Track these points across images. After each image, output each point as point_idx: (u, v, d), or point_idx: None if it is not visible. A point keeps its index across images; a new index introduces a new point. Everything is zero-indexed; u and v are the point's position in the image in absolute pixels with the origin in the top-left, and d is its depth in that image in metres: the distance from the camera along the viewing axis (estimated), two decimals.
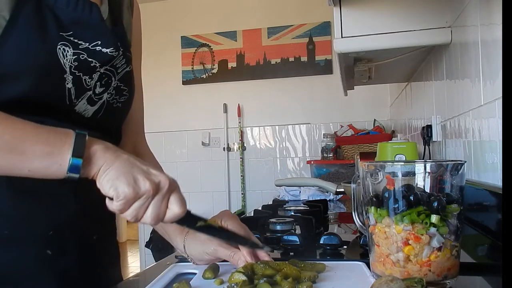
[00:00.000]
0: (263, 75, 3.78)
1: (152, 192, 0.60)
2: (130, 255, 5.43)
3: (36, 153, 0.59)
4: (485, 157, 1.00)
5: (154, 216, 0.61)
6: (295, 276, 0.65)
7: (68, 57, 0.71)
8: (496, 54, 0.91)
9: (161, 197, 0.61)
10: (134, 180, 0.60)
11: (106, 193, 0.60)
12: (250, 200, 3.78)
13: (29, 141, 0.60)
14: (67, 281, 0.75)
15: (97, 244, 0.83)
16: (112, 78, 0.80)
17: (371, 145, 3.03)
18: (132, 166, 0.61)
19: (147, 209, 0.61)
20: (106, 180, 0.60)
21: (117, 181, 0.59)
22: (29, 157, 0.59)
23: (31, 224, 0.72)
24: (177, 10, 3.97)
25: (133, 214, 0.61)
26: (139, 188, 0.60)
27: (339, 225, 1.36)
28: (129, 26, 0.90)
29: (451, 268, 0.62)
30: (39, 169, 0.60)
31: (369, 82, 2.13)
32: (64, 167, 0.59)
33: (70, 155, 0.59)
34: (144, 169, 0.62)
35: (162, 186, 0.61)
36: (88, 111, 0.77)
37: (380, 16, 1.38)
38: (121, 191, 0.59)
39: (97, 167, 0.60)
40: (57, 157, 0.59)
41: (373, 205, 0.66)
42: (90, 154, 0.60)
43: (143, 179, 0.60)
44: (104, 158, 0.61)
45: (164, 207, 0.62)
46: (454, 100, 1.31)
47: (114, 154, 0.62)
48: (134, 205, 0.60)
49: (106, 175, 0.60)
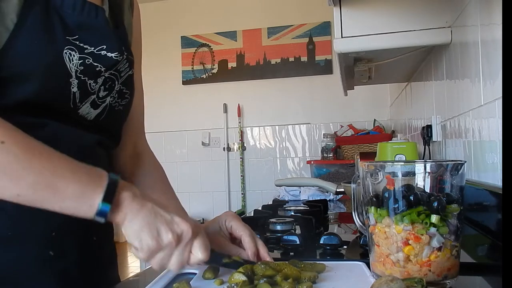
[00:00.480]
0: (263, 75, 3.78)
1: (174, 244, 0.63)
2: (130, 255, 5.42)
3: (69, 193, 0.60)
4: (485, 157, 1.00)
5: (179, 264, 0.64)
6: (295, 277, 0.65)
7: (74, 61, 0.71)
8: (496, 54, 0.91)
9: (183, 246, 0.64)
10: (157, 232, 0.62)
11: (131, 243, 0.62)
12: (250, 200, 3.78)
13: (64, 180, 0.60)
14: (67, 281, 0.75)
15: (96, 245, 0.83)
16: (116, 82, 0.80)
17: (371, 145, 3.03)
18: (155, 217, 0.63)
19: (171, 258, 0.64)
20: (131, 230, 0.62)
21: (141, 233, 0.61)
22: (63, 195, 0.60)
23: (33, 224, 0.72)
24: (177, 10, 3.97)
25: (158, 264, 0.63)
26: (162, 240, 0.62)
27: (339, 225, 1.36)
28: (130, 27, 0.90)
29: (451, 268, 0.62)
30: (69, 207, 0.61)
31: (369, 82, 2.13)
32: (93, 209, 0.61)
33: (100, 200, 0.60)
34: (168, 219, 0.64)
35: (185, 236, 0.64)
36: (90, 114, 0.77)
37: (380, 16, 1.38)
38: (145, 244, 0.61)
39: (123, 215, 0.62)
40: (89, 199, 0.61)
41: (373, 205, 0.66)
42: (119, 201, 0.62)
43: (166, 230, 0.62)
44: (131, 207, 0.63)
45: (187, 254, 0.65)
46: (454, 100, 1.31)
47: (140, 203, 0.63)
48: (158, 255, 0.63)
49: (131, 225, 0.62)
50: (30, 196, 0.60)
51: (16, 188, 0.59)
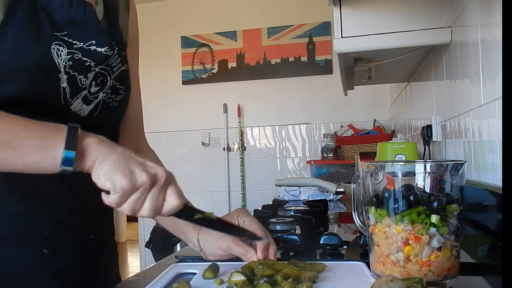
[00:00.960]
0: (263, 75, 3.78)
1: (149, 184, 0.60)
2: (130, 255, 5.43)
3: (28, 147, 0.59)
4: (485, 157, 1.00)
5: (152, 208, 0.61)
6: (295, 276, 0.65)
7: (62, 56, 0.71)
8: (496, 54, 0.91)
9: (158, 189, 0.61)
10: (130, 172, 0.59)
11: (102, 186, 0.59)
12: (250, 200, 3.78)
13: (21, 136, 0.59)
14: (64, 280, 0.75)
15: (94, 244, 0.82)
16: (108, 78, 0.80)
17: (371, 145, 3.03)
18: (127, 159, 0.60)
19: (145, 202, 0.61)
20: (102, 172, 0.59)
21: (114, 173, 0.58)
22: (22, 151, 0.59)
23: (29, 224, 0.72)
24: (177, 10, 3.97)
25: (130, 207, 0.60)
26: (136, 180, 0.59)
27: (339, 225, 1.36)
28: (126, 26, 0.90)
29: (451, 268, 0.62)
30: (32, 163, 0.60)
31: (369, 82, 2.13)
32: (58, 160, 0.59)
33: (63, 148, 0.58)
34: (141, 162, 0.61)
35: (159, 178, 0.61)
36: (83, 110, 0.77)
37: (380, 16, 1.38)
38: (118, 184, 0.58)
39: (92, 160, 0.60)
40: (50, 150, 0.59)
41: (373, 205, 0.66)
42: (84, 147, 0.60)
43: (140, 171, 0.60)
44: (99, 150, 0.60)
45: (162, 199, 0.62)
46: (454, 100, 1.31)
47: (108, 146, 0.61)
48: (131, 197, 0.60)
49: (102, 168, 0.59)
50: None
51: None
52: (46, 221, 0.73)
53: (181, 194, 0.64)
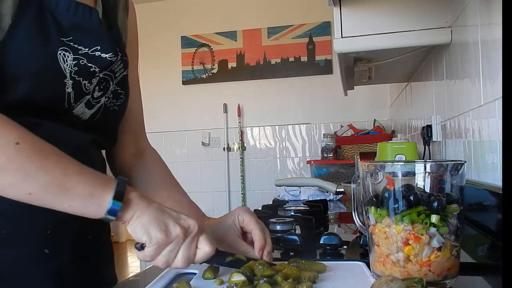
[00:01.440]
0: (263, 75, 3.78)
1: (182, 237, 0.63)
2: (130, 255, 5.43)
3: (79, 192, 0.62)
4: (485, 157, 1.00)
5: (185, 259, 0.64)
6: (295, 276, 0.65)
7: (68, 62, 0.72)
8: (496, 54, 0.91)
9: (190, 240, 0.65)
10: (165, 225, 0.63)
11: (139, 238, 0.63)
12: (250, 200, 3.78)
13: (75, 180, 0.62)
14: (63, 280, 0.75)
15: (92, 244, 0.83)
16: (110, 83, 0.80)
17: (371, 145, 3.03)
18: (163, 213, 0.64)
19: (178, 253, 0.64)
20: (139, 226, 0.62)
21: (150, 226, 0.62)
22: (72, 194, 0.61)
23: (29, 223, 0.72)
24: (177, 10, 3.97)
25: (164, 259, 0.63)
26: (170, 233, 0.63)
27: (339, 225, 1.36)
28: (124, 27, 0.90)
29: (451, 268, 0.62)
30: (79, 206, 0.62)
31: (369, 82, 2.13)
32: (103, 208, 0.62)
33: (111, 199, 0.62)
34: (174, 215, 0.65)
35: (192, 229, 0.65)
36: (85, 114, 0.77)
37: (380, 16, 1.38)
38: (154, 237, 0.62)
39: (132, 213, 0.63)
40: (98, 198, 0.62)
41: (373, 205, 0.66)
42: (128, 200, 0.63)
43: (174, 224, 0.63)
44: (139, 205, 0.64)
45: (194, 249, 0.65)
46: (454, 100, 1.31)
47: (147, 201, 0.65)
48: (165, 250, 0.63)
49: (139, 221, 0.63)
50: (41, 195, 0.61)
51: (28, 187, 0.60)
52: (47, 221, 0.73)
53: (212, 241, 0.67)
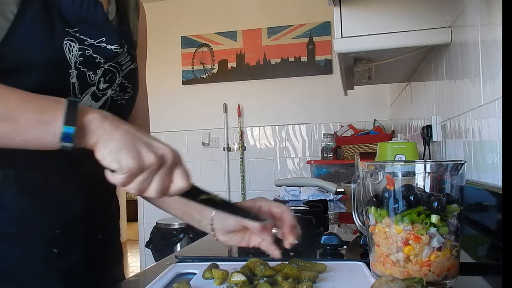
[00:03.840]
0: (263, 75, 3.78)
1: (156, 165, 0.58)
2: (130, 255, 5.43)
3: (27, 121, 0.57)
4: (485, 157, 1.00)
5: (159, 189, 0.59)
6: (295, 276, 0.65)
7: (74, 52, 0.72)
8: (496, 54, 0.91)
9: (165, 170, 0.59)
10: (137, 152, 0.57)
11: (108, 165, 0.57)
12: None
13: (20, 110, 0.57)
14: (71, 279, 0.75)
15: (101, 244, 0.83)
16: (117, 75, 0.80)
17: (371, 145, 3.03)
18: (133, 138, 0.58)
19: (152, 182, 0.59)
20: (107, 152, 0.57)
21: (120, 153, 0.56)
22: (21, 125, 0.57)
23: (38, 222, 0.72)
24: (177, 10, 3.97)
25: (137, 188, 0.58)
26: (143, 161, 0.57)
27: (339, 225, 1.36)
28: (136, 27, 0.91)
29: (451, 268, 0.62)
30: (32, 138, 0.58)
31: (369, 82, 2.13)
32: (57, 136, 0.57)
33: (62, 124, 0.56)
34: (147, 141, 0.59)
35: (166, 158, 0.59)
36: (92, 107, 0.77)
37: (380, 16, 1.38)
38: (125, 164, 0.56)
39: (95, 137, 0.58)
40: (49, 125, 0.57)
41: (373, 205, 0.66)
42: (86, 123, 0.57)
43: (147, 151, 0.58)
44: (102, 128, 0.58)
45: (169, 180, 0.60)
46: (454, 100, 1.31)
47: (113, 124, 0.59)
48: (138, 178, 0.58)
49: (107, 147, 0.57)
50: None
51: None
52: (56, 220, 0.74)
53: (188, 175, 0.62)
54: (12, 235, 0.71)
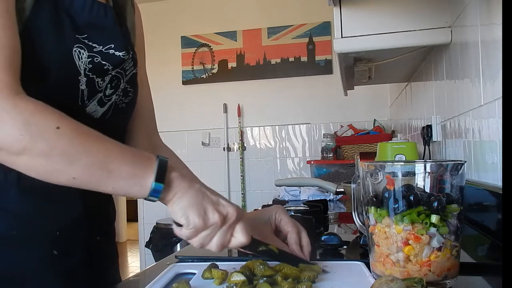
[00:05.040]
0: (263, 75, 3.78)
1: (220, 224, 0.64)
2: (130, 255, 5.43)
3: (122, 173, 0.62)
4: (485, 157, 1.00)
5: (220, 245, 0.65)
6: (295, 276, 0.65)
7: (83, 59, 0.72)
8: (496, 54, 0.91)
9: (227, 228, 0.65)
10: (204, 210, 0.63)
11: (177, 220, 0.63)
12: (250, 200, 3.78)
13: (117, 161, 0.63)
14: (72, 281, 0.75)
15: (100, 245, 0.83)
16: (121, 80, 0.81)
17: (371, 145, 3.03)
18: (203, 197, 0.65)
19: (213, 238, 0.65)
20: (179, 208, 0.63)
21: (189, 210, 0.63)
22: (115, 175, 0.62)
23: (39, 224, 0.72)
24: (177, 10, 3.97)
25: (199, 242, 0.65)
26: (208, 219, 0.63)
27: (339, 225, 1.36)
28: (133, 27, 0.91)
29: (451, 268, 0.62)
30: (122, 188, 0.63)
31: (369, 82, 2.13)
32: (146, 189, 0.62)
33: (153, 180, 0.62)
34: (214, 200, 0.65)
35: (230, 217, 0.65)
36: (97, 112, 0.78)
37: (380, 16, 1.38)
38: (192, 221, 0.62)
39: (173, 194, 0.64)
40: (140, 179, 0.63)
41: (373, 205, 0.66)
42: (170, 181, 0.64)
43: (213, 210, 0.64)
44: (181, 186, 0.64)
45: (229, 236, 0.66)
46: (454, 100, 1.31)
47: (189, 183, 0.65)
48: (201, 234, 0.64)
49: (179, 203, 0.63)
50: (85, 178, 0.62)
51: (72, 171, 0.61)
52: (56, 222, 0.74)
53: (248, 231, 0.67)
54: (13, 237, 0.71)
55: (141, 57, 0.94)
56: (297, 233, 0.77)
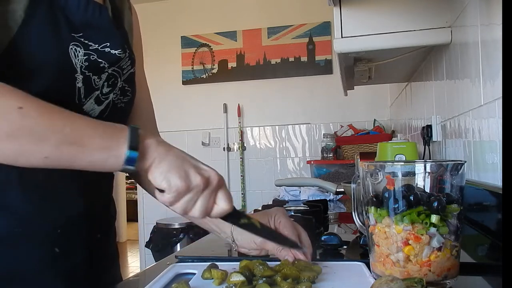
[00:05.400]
0: (263, 75, 3.78)
1: (202, 187, 0.62)
2: (130, 255, 5.43)
3: (94, 146, 0.61)
4: (485, 157, 1.00)
5: (203, 210, 0.63)
6: (295, 277, 0.65)
7: (79, 57, 0.72)
8: (496, 54, 0.91)
9: (210, 192, 0.63)
10: (185, 173, 0.62)
11: (158, 185, 0.62)
12: (250, 200, 3.78)
13: (87, 135, 0.61)
14: (72, 279, 0.76)
15: (100, 243, 0.84)
16: (118, 79, 0.81)
17: (371, 145, 3.03)
18: (183, 160, 0.63)
19: (196, 203, 0.63)
20: (159, 172, 0.61)
21: (170, 174, 0.61)
22: (89, 149, 0.61)
23: (40, 223, 0.73)
24: (177, 10, 3.97)
25: (182, 207, 0.63)
26: (190, 181, 0.62)
27: (339, 225, 1.36)
28: (131, 28, 0.91)
29: (451, 268, 0.62)
30: (98, 161, 0.62)
31: (369, 82, 2.13)
32: (121, 159, 0.61)
33: (127, 149, 0.61)
34: (195, 164, 0.64)
35: (212, 181, 0.63)
36: (95, 110, 0.78)
37: (380, 16, 1.38)
38: (174, 184, 0.61)
39: (151, 160, 0.62)
40: (114, 150, 0.61)
41: (373, 205, 0.66)
42: (144, 148, 0.62)
43: (194, 173, 0.62)
44: (157, 151, 0.63)
45: (212, 202, 0.64)
46: (454, 100, 1.31)
47: (166, 148, 0.64)
48: (184, 198, 0.62)
49: (159, 167, 0.62)
50: (57, 156, 0.60)
51: (42, 150, 0.59)
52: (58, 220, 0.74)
53: (230, 198, 0.66)
54: (15, 236, 0.71)
55: (139, 59, 0.94)
56: (297, 236, 0.77)
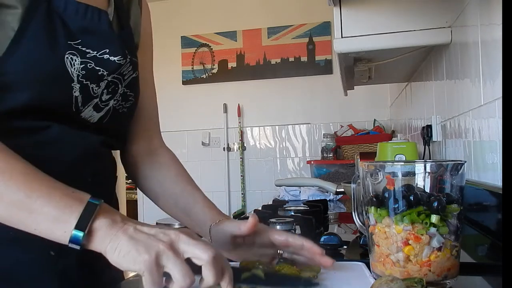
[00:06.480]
0: (263, 75, 3.78)
1: (167, 246, 0.55)
2: None
3: (44, 215, 0.58)
4: (485, 157, 1.00)
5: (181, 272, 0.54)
6: None
7: (75, 66, 0.71)
8: (496, 54, 0.91)
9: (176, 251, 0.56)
10: (145, 246, 0.55)
11: (126, 269, 0.56)
12: (250, 200, 3.78)
13: (40, 202, 0.58)
14: (69, 282, 0.75)
15: None
16: (119, 86, 0.80)
17: (371, 145, 3.03)
18: (139, 237, 0.57)
19: (174, 266, 0.55)
20: (120, 257, 0.56)
21: (130, 254, 0.55)
22: (37, 217, 0.58)
23: None
24: (177, 10, 3.97)
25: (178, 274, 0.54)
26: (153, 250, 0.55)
27: (339, 225, 1.36)
28: (138, 26, 0.90)
29: (451, 268, 0.62)
30: (45, 230, 0.59)
31: (369, 82, 2.13)
32: (67, 235, 0.57)
33: (73, 227, 0.57)
34: (152, 233, 0.57)
35: (174, 238, 0.57)
36: (93, 117, 0.77)
37: (380, 16, 1.38)
38: (141, 260, 0.54)
39: (104, 245, 0.57)
40: (63, 224, 0.57)
41: (373, 205, 0.66)
42: (95, 229, 0.57)
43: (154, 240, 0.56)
44: (110, 234, 0.57)
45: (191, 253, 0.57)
46: (454, 100, 1.31)
47: (120, 229, 0.58)
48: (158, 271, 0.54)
49: (118, 252, 0.56)
50: (6, 217, 0.59)
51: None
52: None
53: (206, 247, 0.57)
54: (11, 238, 0.70)
55: (147, 57, 0.93)
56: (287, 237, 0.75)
